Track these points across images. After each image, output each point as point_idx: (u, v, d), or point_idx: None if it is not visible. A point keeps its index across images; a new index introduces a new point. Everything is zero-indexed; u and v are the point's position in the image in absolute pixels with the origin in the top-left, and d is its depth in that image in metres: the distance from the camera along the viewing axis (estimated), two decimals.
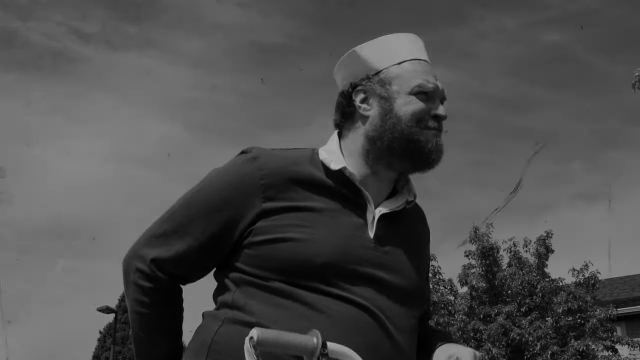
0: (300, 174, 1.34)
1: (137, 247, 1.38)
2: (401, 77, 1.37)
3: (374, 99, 1.38)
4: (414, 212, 1.48)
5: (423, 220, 1.53)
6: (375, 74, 1.38)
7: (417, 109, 1.35)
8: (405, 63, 1.39)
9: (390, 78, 1.37)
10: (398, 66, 1.38)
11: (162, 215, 1.39)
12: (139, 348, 1.43)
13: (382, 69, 1.38)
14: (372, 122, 1.37)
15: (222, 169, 1.38)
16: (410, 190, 1.44)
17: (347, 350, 1.05)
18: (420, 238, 1.49)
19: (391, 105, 1.36)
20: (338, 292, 1.24)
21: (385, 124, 1.35)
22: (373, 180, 1.38)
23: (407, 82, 1.36)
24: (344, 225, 1.31)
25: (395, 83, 1.37)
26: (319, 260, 1.25)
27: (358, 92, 1.39)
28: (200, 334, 1.33)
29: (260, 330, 1.00)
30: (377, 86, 1.37)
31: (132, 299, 1.38)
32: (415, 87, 1.36)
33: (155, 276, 1.34)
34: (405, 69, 1.38)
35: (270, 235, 1.28)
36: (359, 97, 1.39)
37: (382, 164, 1.37)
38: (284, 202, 1.30)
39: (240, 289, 1.29)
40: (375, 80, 1.38)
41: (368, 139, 1.37)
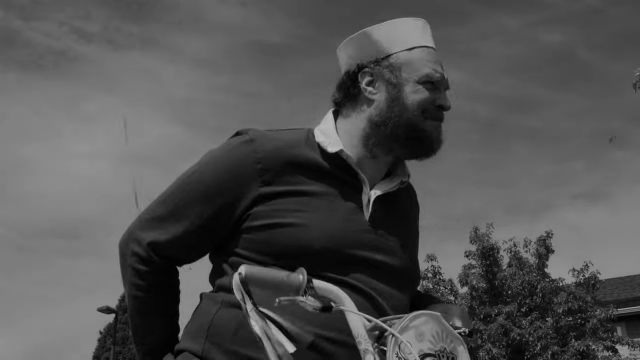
0: (296, 156, 1.33)
1: (133, 230, 1.38)
2: (410, 64, 1.36)
3: (381, 82, 1.37)
4: (405, 190, 1.48)
5: (414, 198, 1.54)
6: (385, 58, 1.38)
7: (423, 98, 1.35)
8: (415, 49, 1.38)
9: (400, 64, 1.37)
10: (408, 52, 1.38)
11: (157, 198, 1.38)
12: (136, 331, 1.42)
13: (392, 53, 1.38)
14: (377, 107, 1.37)
15: (217, 151, 1.37)
16: (404, 171, 1.45)
17: (331, 287, 1.07)
18: (411, 217, 1.50)
19: (399, 92, 1.35)
20: (335, 276, 1.24)
21: (392, 110, 1.35)
22: (369, 163, 1.38)
23: (416, 70, 1.36)
24: (340, 209, 1.31)
25: (405, 70, 1.36)
26: (317, 245, 1.25)
27: (365, 73, 1.38)
28: (198, 316, 1.33)
29: (247, 267, 1.01)
30: (385, 70, 1.37)
31: (128, 282, 1.37)
32: (423, 75, 1.36)
33: (151, 259, 1.34)
34: (415, 56, 1.37)
35: (268, 220, 1.27)
36: (365, 79, 1.38)
37: (381, 148, 1.37)
38: (281, 186, 1.30)
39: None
40: (384, 64, 1.37)
41: (371, 123, 1.37)
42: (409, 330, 1.03)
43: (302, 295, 1.02)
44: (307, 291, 1.02)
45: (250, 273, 1.01)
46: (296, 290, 1.02)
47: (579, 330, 12.26)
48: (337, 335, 1.19)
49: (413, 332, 1.03)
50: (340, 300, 1.06)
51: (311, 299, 1.01)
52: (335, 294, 1.06)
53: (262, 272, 1.02)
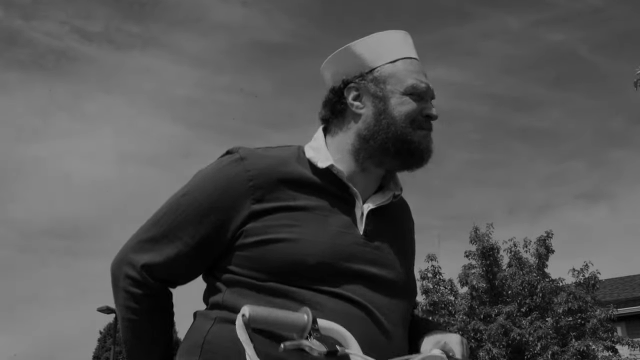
0: (288, 173, 1.33)
1: (125, 253, 1.37)
2: (395, 76, 1.37)
3: (367, 97, 1.38)
4: (399, 204, 1.48)
5: (408, 212, 1.54)
6: (369, 72, 1.38)
7: (410, 109, 1.36)
8: (399, 61, 1.39)
9: (384, 77, 1.37)
10: (391, 64, 1.38)
11: (149, 220, 1.38)
12: (130, 353, 1.41)
13: (376, 66, 1.38)
14: (365, 121, 1.37)
15: (208, 171, 1.37)
16: (397, 184, 1.45)
17: (336, 327, 1.06)
18: (406, 230, 1.50)
19: (385, 104, 1.36)
20: (331, 289, 1.25)
21: (379, 123, 1.36)
22: (361, 177, 1.39)
23: (401, 81, 1.37)
24: (334, 223, 1.31)
25: (389, 82, 1.37)
26: (312, 260, 1.25)
27: (350, 89, 1.39)
28: (192, 334, 1.32)
29: (251, 307, 1.00)
30: (370, 84, 1.37)
31: (122, 306, 1.36)
32: (408, 87, 1.36)
33: (145, 282, 1.33)
34: (399, 68, 1.38)
35: (261, 236, 1.27)
36: (351, 95, 1.39)
37: (372, 161, 1.38)
38: (274, 203, 1.30)
39: (230, 289, 1.29)
40: (368, 78, 1.38)
41: (360, 137, 1.37)
42: None
43: (307, 337, 1.01)
44: (312, 333, 1.01)
45: (254, 314, 1.00)
46: (300, 330, 1.01)
47: (579, 330, 12.27)
48: None
49: None
50: (346, 341, 1.05)
51: (316, 343, 1.00)
52: (340, 334, 1.05)
53: (265, 312, 1.01)
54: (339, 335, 1.05)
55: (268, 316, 1.00)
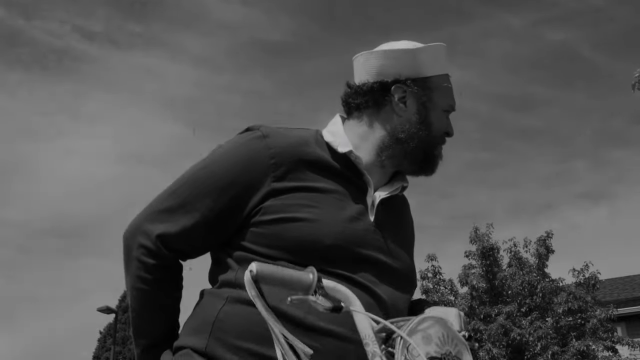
0: (308, 154, 1.35)
1: (140, 222, 1.36)
2: (441, 91, 1.44)
3: (413, 101, 1.42)
4: (401, 199, 1.52)
5: (408, 208, 1.57)
6: (422, 79, 1.42)
7: (444, 126, 1.45)
8: (444, 76, 1.46)
9: (433, 88, 1.43)
10: (439, 77, 1.44)
11: (165, 190, 1.37)
12: (137, 324, 1.41)
13: (429, 76, 1.43)
14: (404, 124, 1.41)
15: (229, 146, 1.37)
16: (404, 177, 1.49)
17: (340, 286, 1.07)
18: (408, 224, 1.54)
19: (428, 115, 1.42)
20: (342, 272, 1.26)
21: (419, 130, 1.41)
22: (376, 169, 1.42)
23: (444, 97, 1.44)
24: (348, 208, 1.33)
25: (435, 95, 1.43)
26: (328, 241, 1.26)
27: (398, 88, 1.42)
28: (201, 312, 1.32)
29: (258, 264, 1.02)
30: (420, 91, 1.42)
31: (133, 275, 1.36)
32: (448, 105, 1.45)
33: (159, 252, 1.33)
34: (443, 83, 1.45)
35: (280, 214, 1.28)
36: (398, 94, 1.42)
37: (392, 161, 1.42)
38: (293, 182, 1.31)
39: (243, 268, 1.28)
40: (419, 84, 1.42)
41: (393, 137, 1.41)
42: (416, 333, 1.03)
43: (313, 294, 1.03)
44: (317, 290, 1.03)
45: (261, 271, 1.01)
46: (306, 289, 1.03)
47: (579, 330, 12.27)
48: (347, 332, 1.19)
49: (420, 335, 1.04)
50: (349, 300, 1.07)
51: (322, 299, 1.03)
52: (344, 294, 1.07)
53: (272, 269, 1.02)
54: (342, 294, 1.07)
55: (275, 273, 1.02)
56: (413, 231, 1.56)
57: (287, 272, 1.03)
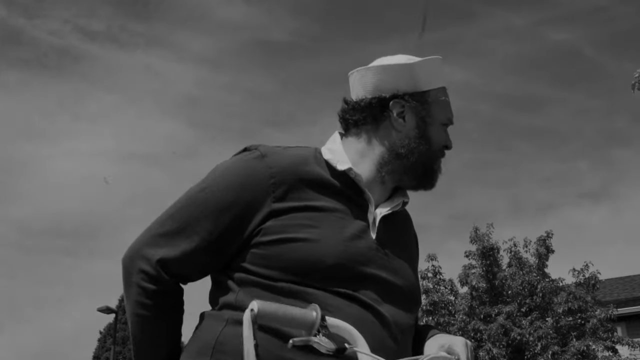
0: (308, 173, 1.33)
1: (140, 247, 1.34)
2: (439, 104, 1.43)
3: (411, 116, 1.41)
4: (403, 215, 1.50)
5: (410, 223, 1.56)
6: (420, 93, 1.42)
7: (442, 140, 1.44)
8: (441, 90, 1.45)
9: (431, 102, 1.42)
10: (436, 91, 1.44)
11: (164, 213, 1.35)
12: (138, 350, 1.39)
13: (427, 90, 1.42)
14: (403, 138, 1.41)
15: (228, 166, 1.35)
16: (404, 193, 1.47)
17: (344, 325, 1.05)
18: (410, 240, 1.52)
19: (427, 129, 1.41)
20: (345, 292, 1.25)
21: (418, 145, 1.40)
22: (377, 186, 1.41)
23: (442, 111, 1.44)
24: (349, 226, 1.32)
25: (434, 109, 1.42)
26: (329, 261, 1.24)
27: (397, 103, 1.41)
28: (202, 334, 1.30)
29: (260, 302, 1.00)
30: (418, 105, 1.41)
31: (133, 301, 1.34)
32: (446, 119, 1.44)
33: (160, 277, 1.31)
34: (441, 97, 1.44)
35: (280, 235, 1.26)
36: (396, 109, 1.41)
37: (392, 177, 1.41)
38: (293, 202, 1.29)
39: (243, 289, 1.27)
40: (417, 98, 1.41)
41: (391, 152, 1.40)
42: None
43: (316, 334, 1.00)
44: (321, 330, 1.00)
45: (262, 309, 0.99)
46: (309, 327, 1.00)
47: (579, 330, 12.28)
48: None
49: None
50: (353, 339, 1.05)
51: (325, 340, 1.00)
52: (348, 332, 1.05)
53: (274, 308, 1.00)
54: (347, 333, 1.04)
55: (276, 311, 1.00)
56: (417, 246, 1.55)
57: (290, 310, 1.01)
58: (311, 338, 0.99)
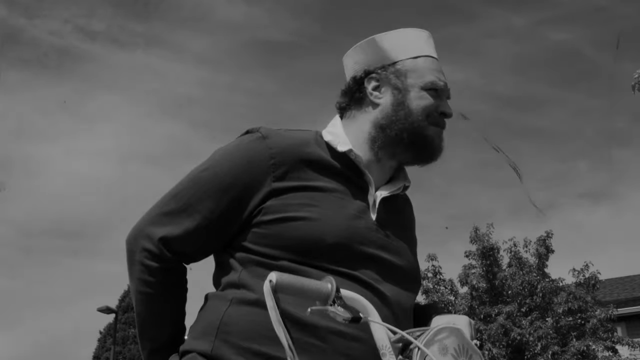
0: (308, 154, 1.36)
1: (143, 225, 1.36)
2: (415, 71, 1.41)
3: (386, 88, 1.41)
4: (403, 199, 1.52)
5: (410, 207, 1.57)
6: (391, 64, 1.42)
7: (428, 104, 1.39)
8: (420, 58, 1.43)
9: (405, 70, 1.41)
10: (413, 60, 1.42)
11: (167, 193, 1.38)
12: (142, 328, 1.41)
13: (398, 60, 1.42)
14: (383, 110, 1.41)
15: (229, 148, 1.38)
16: (406, 177, 1.49)
17: (358, 296, 1.08)
18: (411, 223, 1.54)
19: (404, 96, 1.39)
20: (345, 270, 1.27)
21: (397, 113, 1.39)
22: (375, 166, 1.42)
23: (421, 76, 1.40)
24: (349, 206, 1.34)
25: (410, 76, 1.40)
26: (329, 239, 1.27)
27: (371, 79, 1.42)
28: (206, 315, 1.32)
29: (278, 274, 1.02)
30: (391, 76, 1.41)
31: (137, 279, 1.36)
32: (428, 82, 1.40)
33: (162, 255, 1.33)
34: (420, 64, 1.42)
35: (281, 214, 1.29)
36: (371, 84, 1.42)
37: (386, 152, 1.40)
38: (294, 182, 1.32)
39: (246, 269, 1.30)
40: (390, 70, 1.41)
41: (376, 126, 1.40)
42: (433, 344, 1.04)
43: (331, 304, 1.03)
44: (336, 301, 1.03)
45: (281, 280, 1.01)
46: (325, 299, 1.03)
47: (579, 330, 12.30)
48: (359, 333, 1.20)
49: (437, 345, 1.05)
50: (366, 310, 1.07)
51: (341, 310, 1.03)
52: (361, 303, 1.07)
53: (292, 279, 1.03)
54: (360, 304, 1.07)
55: (294, 283, 1.02)
56: (414, 231, 1.56)
57: (306, 281, 1.04)
58: (328, 307, 1.03)
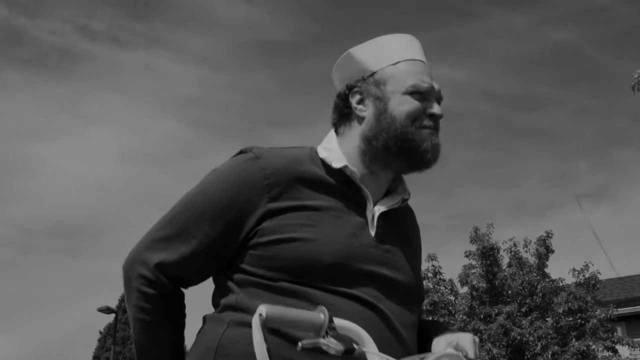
0: (303, 172, 1.33)
1: (138, 252, 1.35)
2: (395, 77, 1.38)
3: (369, 99, 1.39)
4: (405, 210, 1.49)
5: (413, 218, 1.55)
6: (370, 75, 1.39)
7: (411, 108, 1.36)
8: (400, 63, 1.39)
9: (385, 78, 1.38)
10: (393, 66, 1.39)
11: (162, 218, 1.36)
12: (141, 354, 1.40)
13: (377, 69, 1.39)
14: (368, 122, 1.38)
15: (222, 169, 1.36)
16: (405, 189, 1.46)
17: (352, 325, 1.05)
18: (413, 236, 1.51)
19: (385, 105, 1.37)
20: (344, 290, 1.25)
21: (380, 123, 1.36)
22: (370, 180, 1.39)
23: (402, 81, 1.37)
24: (347, 224, 1.31)
25: (390, 83, 1.37)
26: (327, 259, 1.25)
27: (354, 93, 1.41)
28: (204, 338, 1.30)
29: (268, 306, 0.99)
30: (371, 87, 1.38)
31: (134, 306, 1.34)
32: (409, 86, 1.36)
33: (159, 282, 1.31)
34: (400, 69, 1.39)
35: (277, 235, 1.27)
36: (355, 98, 1.40)
37: (378, 163, 1.38)
38: (289, 201, 1.29)
39: (243, 290, 1.28)
40: (370, 81, 1.39)
41: (364, 139, 1.38)
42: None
43: (324, 336, 1.00)
44: (329, 331, 1.00)
45: (271, 313, 0.99)
46: (317, 329, 1.00)
47: (579, 330, 12.28)
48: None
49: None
50: (361, 339, 1.05)
51: (333, 342, 1.00)
52: (355, 332, 1.05)
53: (283, 312, 1.00)
54: (355, 334, 1.05)
55: (285, 315, 0.99)
56: (419, 243, 1.54)
57: (298, 313, 1.01)
58: (320, 340, 0.99)
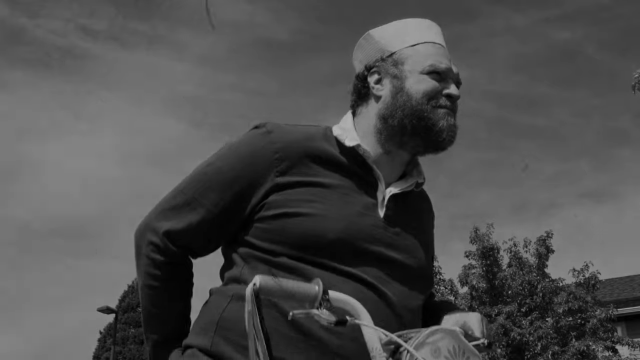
0: (313, 149, 1.34)
1: (149, 220, 1.39)
2: (414, 57, 1.39)
3: (386, 78, 1.40)
4: (420, 195, 1.50)
5: (429, 204, 1.55)
6: (389, 55, 1.41)
7: (428, 87, 1.36)
8: (419, 45, 1.41)
9: (403, 58, 1.39)
10: (412, 47, 1.40)
11: (174, 188, 1.40)
12: (147, 320, 1.43)
13: (396, 50, 1.41)
14: (384, 101, 1.39)
15: (235, 142, 1.38)
16: (420, 173, 1.46)
17: (347, 298, 1.05)
18: (427, 221, 1.51)
19: (402, 83, 1.37)
20: (346, 269, 1.25)
21: (397, 101, 1.37)
22: (385, 160, 1.39)
23: (420, 61, 1.38)
24: (355, 203, 1.32)
25: (408, 62, 1.39)
26: (330, 236, 1.25)
27: (372, 73, 1.42)
28: (208, 311, 1.33)
29: (262, 277, 0.99)
30: (390, 66, 1.40)
31: (143, 272, 1.38)
32: (427, 66, 1.37)
33: (167, 249, 1.35)
34: (418, 50, 1.40)
35: (283, 209, 1.28)
36: (373, 78, 1.42)
37: (393, 142, 1.38)
38: (297, 177, 1.31)
39: (248, 264, 1.30)
40: (388, 61, 1.40)
41: (380, 118, 1.39)
42: (425, 347, 1.02)
43: (318, 307, 1.00)
44: (323, 303, 1.00)
45: (265, 284, 0.99)
46: (311, 301, 1.01)
47: (579, 330, 12.28)
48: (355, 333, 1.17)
49: (429, 348, 1.02)
50: (356, 312, 1.05)
51: (326, 313, 1.00)
52: (351, 305, 1.05)
53: (276, 283, 1.00)
54: (349, 306, 1.04)
55: (280, 286, 1.00)
56: (432, 227, 1.54)
57: (292, 284, 1.01)
58: (311, 310, 0.99)
